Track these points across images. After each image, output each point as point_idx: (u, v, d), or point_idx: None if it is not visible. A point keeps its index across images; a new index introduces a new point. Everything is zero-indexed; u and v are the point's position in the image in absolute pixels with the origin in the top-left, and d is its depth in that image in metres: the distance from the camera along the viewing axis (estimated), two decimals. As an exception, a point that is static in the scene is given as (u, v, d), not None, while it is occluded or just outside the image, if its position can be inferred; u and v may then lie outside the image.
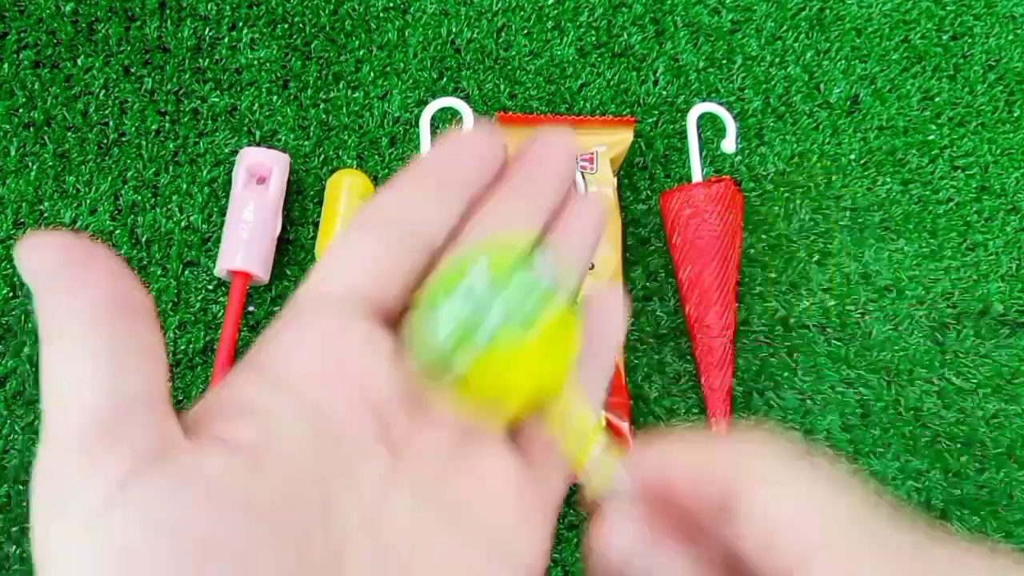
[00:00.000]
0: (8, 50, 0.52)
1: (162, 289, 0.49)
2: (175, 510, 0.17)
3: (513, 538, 0.22)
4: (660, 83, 0.54)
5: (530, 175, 0.25)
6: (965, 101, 0.55)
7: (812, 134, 0.53)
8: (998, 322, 0.51)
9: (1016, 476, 0.49)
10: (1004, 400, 0.50)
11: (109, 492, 0.17)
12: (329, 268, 0.23)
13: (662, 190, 0.51)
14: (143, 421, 0.18)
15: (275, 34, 0.53)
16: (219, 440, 0.19)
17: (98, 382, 0.18)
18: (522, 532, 0.22)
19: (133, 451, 0.17)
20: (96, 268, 0.19)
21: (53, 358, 0.18)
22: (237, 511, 0.18)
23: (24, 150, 0.50)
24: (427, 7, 0.54)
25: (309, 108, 0.52)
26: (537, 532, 0.22)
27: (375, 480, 0.20)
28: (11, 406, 0.47)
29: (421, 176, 0.24)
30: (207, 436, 0.19)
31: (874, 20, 0.56)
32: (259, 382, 0.21)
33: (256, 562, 0.17)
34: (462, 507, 0.21)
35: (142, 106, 0.51)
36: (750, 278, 0.51)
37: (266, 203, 0.48)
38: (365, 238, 0.23)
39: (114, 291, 0.18)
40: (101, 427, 0.17)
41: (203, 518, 0.17)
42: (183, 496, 0.17)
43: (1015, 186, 0.53)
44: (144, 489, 0.17)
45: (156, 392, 0.19)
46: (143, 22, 0.53)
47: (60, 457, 0.17)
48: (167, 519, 0.17)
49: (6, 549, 0.45)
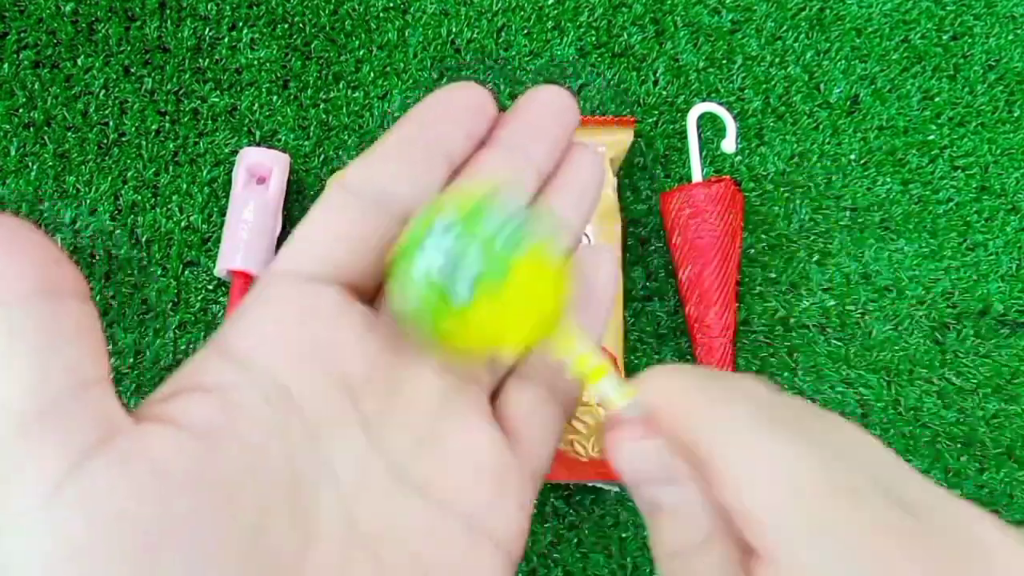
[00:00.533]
0: (8, 50, 0.52)
1: (162, 289, 0.49)
2: (117, 499, 0.16)
3: (489, 515, 0.21)
4: (660, 83, 0.54)
5: (520, 136, 0.24)
6: (965, 101, 0.55)
7: (812, 134, 0.53)
8: (998, 322, 0.51)
9: (1016, 476, 0.49)
10: (1004, 400, 0.50)
11: (47, 489, 0.16)
12: (300, 241, 0.22)
13: (662, 190, 0.51)
14: (78, 409, 0.17)
15: (275, 34, 0.53)
16: (169, 421, 0.18)
17: (25, 373, 0.16)
18: (499, 509, 0.21)
19: (69, 442, 0.16)
20: (22, 250, 0.17)
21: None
22: (185, 495, 0.17)
23: (24, 150, 0.50)
24: (427, 7, 0.54)
25: (309, 108, 0.52)
26: (514, 509, 0.22)
27: (350, 459, 0.20)
28: (11, 406, 0.47)
29: (401, 141, 0.23)
30: (157, 418, 0.18)
31: (874, 20, 0.56)
32: (221, 359, 0.20)
33: (210, 548, 0.17)
34: (437, 484, 0.21)
35: (142, 106, 0.51)
36: (750, 278, 0.51)
37: (266, 203, 0.48)
38: (338, 208, 0.22)
39: (42, 273, 0.17)
40: (32, 421, 0.16)
41: (148, 505, 0.16)
42: (125, 483, 0.16)
43: (1015, 186, 0.53)
44: (83, 481, 0.16)
45: (93, 378, 0.18)
46: (143, 22, 0.53)
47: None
48: (109, 510, 0.16)
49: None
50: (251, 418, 0.19)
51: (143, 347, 0.48)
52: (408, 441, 0.21)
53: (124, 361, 0.48)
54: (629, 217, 0.51)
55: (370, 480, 0.20)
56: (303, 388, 0.20)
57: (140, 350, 0.48)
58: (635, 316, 0.50)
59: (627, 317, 0.50)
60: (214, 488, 0.17)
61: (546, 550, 0.46)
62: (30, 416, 0.16)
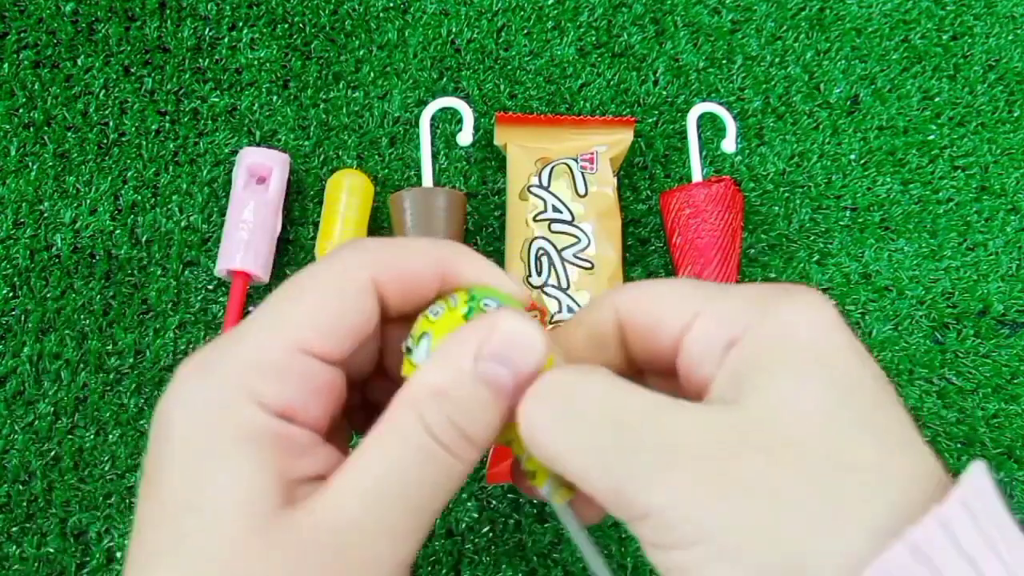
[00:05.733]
0: (8, 50, 0.52)
1: (162, 289, 0.49)
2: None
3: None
4: (660, 83, 0.54)
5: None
6: (965, 101, 0.55)
7: (812, 134, 0.53)
8: (998, 322, 0.51)
9: (1016, 476, 0.49)
10: (1004, 400, 0.50)
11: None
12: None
13: (662, 190, 0.51)
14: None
15: (275, 34, 0.53)
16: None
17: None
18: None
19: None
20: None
21: None
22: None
23: (24, 150, 0.50)
24: (427, 7, 0.54)
25: (309, 108, 0.52)
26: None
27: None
28: (11, 406, 0.47)
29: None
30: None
31: (874, 20, 0.56)
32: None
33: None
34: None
35: (142, 106, 0.51)
36: (750, 278, 0.51)
37: (266, 203, 0.48)
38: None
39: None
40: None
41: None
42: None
43: (1015, 186, 0.53)
44: None
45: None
46: (143, 22, 0.53)
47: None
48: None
49: (6, 549, 0.45)
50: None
51: (143, 347, 0.48)
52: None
53: (124, 361, 0.48)
54: (629, 217, 0.51)
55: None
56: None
57: (140, 350, 0.48)
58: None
59: (627, 317, 0.50)
60: None
61: (546, 550, 0.46)
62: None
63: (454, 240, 0.48)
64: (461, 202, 0.49)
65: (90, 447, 0.46)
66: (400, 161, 0.51)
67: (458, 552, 0.46)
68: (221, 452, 0.20)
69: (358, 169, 0.51)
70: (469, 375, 0.21)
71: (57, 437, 0.46)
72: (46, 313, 0.48)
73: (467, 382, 0.21)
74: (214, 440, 0.21)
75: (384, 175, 0.51)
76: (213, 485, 0.20)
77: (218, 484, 0.20)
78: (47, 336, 0.48)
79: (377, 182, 0.51)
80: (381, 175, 0.51)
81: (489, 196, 0.51)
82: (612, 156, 0.50)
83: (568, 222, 0.48)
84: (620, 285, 0.25)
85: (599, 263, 0.47)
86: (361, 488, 0.21)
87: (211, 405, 0.21)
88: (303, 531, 0.20)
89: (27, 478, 0.46)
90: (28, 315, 0.48)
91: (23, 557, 0.45)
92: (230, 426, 0.21)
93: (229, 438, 0.21)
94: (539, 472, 0.24)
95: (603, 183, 0.49)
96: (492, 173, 0.52)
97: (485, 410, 0.22)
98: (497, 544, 0.46)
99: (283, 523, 0.20)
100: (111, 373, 0.48)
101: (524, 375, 0.22)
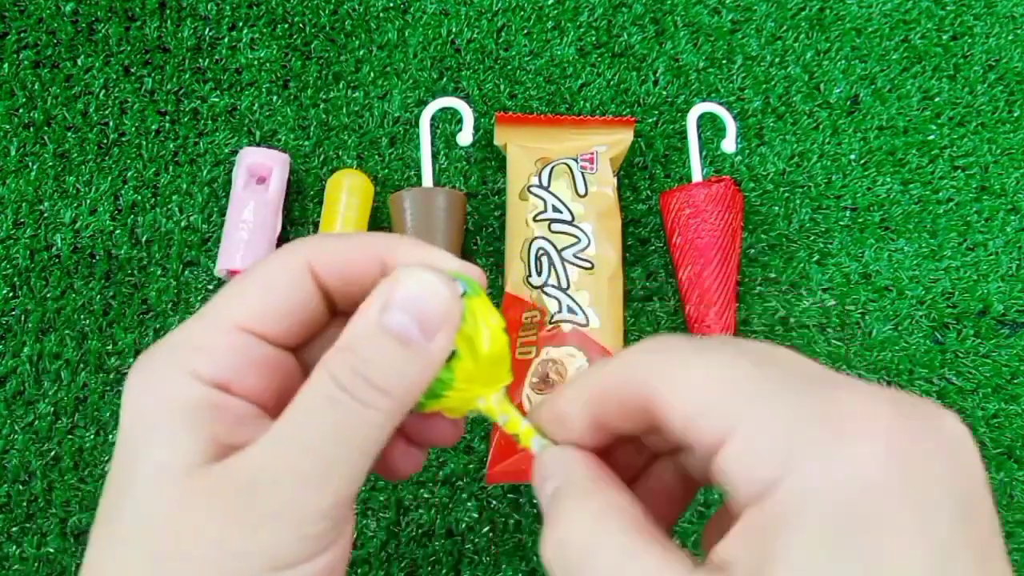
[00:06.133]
0: (8, 50, 0.52)
1: (162, 289, 0.49)
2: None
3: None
4: (660, 83, 0.54)
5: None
6: (965, 101, 0.55)
7: (812, 134, 0.53)
8: (998, 322, 0.51)
9: (1016, 476, 0.49)
10: (1004, 400, 0.50)
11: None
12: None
13: (662, 190, 0.51)
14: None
15: (275, 34, 0.53)
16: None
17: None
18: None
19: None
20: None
21: None
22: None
23: (24, 150, 0.50)
24: (427, 7, 0.54)
25: (309, 108, 0.52)
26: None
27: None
28: (11, 406, 0.47)
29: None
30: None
31: (874, 20, 0.56)
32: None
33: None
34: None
35: (142, 106, 0.51)
36: (750, 278, 0.51)
37: (266, 203, 0.48)
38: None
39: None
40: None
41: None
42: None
43: (1015, 186, 0.53)
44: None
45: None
46: (143, 22, 0.53)
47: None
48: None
49: (6, 549, 0.45)
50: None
51: (143, 347, 0.48)
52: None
53: (124, 361, 0.48)
54: (629, 217, 0.51)
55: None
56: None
57: (140, 350, 0.48)
58: (635, 316, 0.50)
59: (627, 317, 0.50)
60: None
61: (546, 550, 0.46)
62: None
63: (454, 240, 0.49)
64: (461, 202, 0.49)
65: (90, 447, 0.46)
66: (400, 161, 0.51)
67: (458, 552, 0.46)
68: (156, 422, 0.22)
69: (358, 169, 0.51)
70: (374, 326, 0.22)
71: (57, 437, 0.46)
72: (46, 313, 0.48)
73: (371, 333, 0.22)
74: (151, 412, 0.22)
75: (384, 175, 0.51)
76: (147, 449, 0.22)
77: (151, 447, 0.22)
78: (47, 336, 0.48)
79: (377, 182, 0.51)
80: (381, 175, 0.51)
81: (489, 196, 0.51)
82: (612, 156, 0.50)
83: (568, 222, 0.48)
84: (648, 353, 0.22)
85: (599, 263, 0.47)
86: (269, 437, 0.22)
87: (152, 383, 0.23)
88: (212, 479, 0.21)
89: (27, 478, 0.46)
90: (28, 315, 0.48)
91: (23, 557, 0.45)
92: (165, 399, 0.22)
93: (165, 409, 0.22)
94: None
95: (603, 183, 0.49)
96: (492, 173, 0.52)
97: (394, 358, 0.22)
98: (497, 544, 0.46)
99: (199, 474, 0.22)
100: (111, 373, 0.48)
101: (430, 321, 0.23)
